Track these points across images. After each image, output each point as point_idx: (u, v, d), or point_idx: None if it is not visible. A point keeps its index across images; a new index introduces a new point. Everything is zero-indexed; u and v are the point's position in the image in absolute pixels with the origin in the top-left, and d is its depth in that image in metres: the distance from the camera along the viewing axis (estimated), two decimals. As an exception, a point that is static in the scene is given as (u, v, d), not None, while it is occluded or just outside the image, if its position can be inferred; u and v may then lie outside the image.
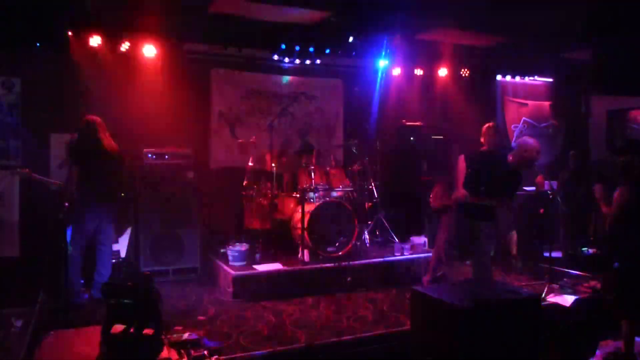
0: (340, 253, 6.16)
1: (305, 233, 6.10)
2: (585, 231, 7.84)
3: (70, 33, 5.98)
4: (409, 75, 8.35)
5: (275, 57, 7.21)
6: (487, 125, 5.86)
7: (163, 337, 3.96)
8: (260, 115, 7.81)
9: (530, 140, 4.88)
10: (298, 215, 6.28)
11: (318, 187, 6.51)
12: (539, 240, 6.90)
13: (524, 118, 9.11)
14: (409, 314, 4.22)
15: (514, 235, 6.96)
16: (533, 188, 7.80)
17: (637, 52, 6.84)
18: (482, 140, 7.02)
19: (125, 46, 6.38)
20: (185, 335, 4.10)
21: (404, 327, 4.57)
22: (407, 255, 6.43)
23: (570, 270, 6.30)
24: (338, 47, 7.16)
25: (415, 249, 6.66)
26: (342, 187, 6.80)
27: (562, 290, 5.59)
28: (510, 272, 6.69)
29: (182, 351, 3.87)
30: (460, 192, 5.01)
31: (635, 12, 5.99)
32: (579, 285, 5.71)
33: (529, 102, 9.23)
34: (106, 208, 5.41)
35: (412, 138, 8.06)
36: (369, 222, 7.34)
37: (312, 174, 6.50)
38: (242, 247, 6.00)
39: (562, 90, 9.25)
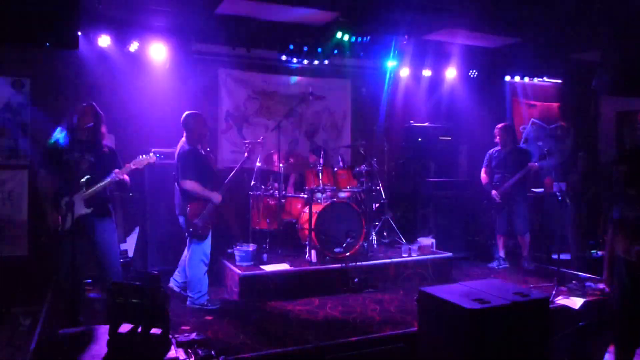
0: (347, 254, 6.15)
1: (313, 234, 6.09)
2: (594, 233, 7.78)
3: (79, 33, 6.02)
4: (417, 76, 8.34)
5: (284, 57, 7.20)
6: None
7: (170, 336, 3.96)
8: (268, 116, 7.82)
9: None
10: (305, 216, 6.29)
11: (325, 187, 6.50)
12: (548, 241, 6.86)
13: (532, 119, 9.05)
14: (417, 316, 4.22)
15: (527, 236, 6.92)
16: (542, 190, 7.77)
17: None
18: (497, 140, 7.00)
19: (134, 46, 6.41)
20: (193, 335, 4.10)
21: (411, 328, 4.55)
22: (414, 257, 6.41)
23: (579, 273, 6.26)
24: (346, 47, 7.14)
25: (423, 250, 6.63)
26: (350, 188, 6.79)
27: (570, 293, 5.55)
28: (519, 273, 6.65)
29: (190, 351, 3.87)
30: None
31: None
32: (588, 288, 5.66)
33: (538, 104, 9.18)
34: None
35: (419, 139, 8.04)
36: (377, 223, 7.33)
37: (320, 174, 6.49)
38: (250, 247, 6.00)
39: (571, 91, 9.19)
